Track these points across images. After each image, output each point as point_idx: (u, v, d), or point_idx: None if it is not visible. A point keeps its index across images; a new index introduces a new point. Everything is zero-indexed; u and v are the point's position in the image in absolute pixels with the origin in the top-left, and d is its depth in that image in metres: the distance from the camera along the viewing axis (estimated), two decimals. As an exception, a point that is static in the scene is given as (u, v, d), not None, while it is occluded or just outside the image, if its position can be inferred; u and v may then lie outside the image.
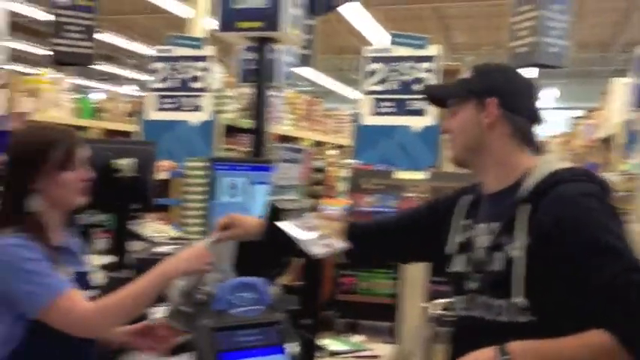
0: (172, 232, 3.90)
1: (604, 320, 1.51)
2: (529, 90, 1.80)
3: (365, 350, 2.51)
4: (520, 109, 1.76)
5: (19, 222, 1.83)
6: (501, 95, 1.74)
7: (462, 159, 1.82)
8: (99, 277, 1.99)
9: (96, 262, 3.73)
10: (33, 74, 8.68)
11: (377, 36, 13.47)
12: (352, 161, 6.97)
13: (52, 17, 8.22)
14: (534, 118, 1.79)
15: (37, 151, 1.87)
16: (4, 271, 1.75)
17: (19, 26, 16.97)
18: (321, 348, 2.25)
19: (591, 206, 1.59)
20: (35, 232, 1.83)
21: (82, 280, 1.90)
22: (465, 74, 1.82)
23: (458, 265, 1.81)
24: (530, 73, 8.58)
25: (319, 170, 6.52)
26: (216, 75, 8.03)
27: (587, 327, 1.53)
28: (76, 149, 1.91)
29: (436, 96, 1.94)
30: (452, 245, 1.85)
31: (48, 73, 8.18)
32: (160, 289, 1.80)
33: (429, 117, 6.65)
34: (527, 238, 1.61)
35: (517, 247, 1.61)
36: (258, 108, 4.23)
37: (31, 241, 1.80)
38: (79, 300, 1.76)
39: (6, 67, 7.83)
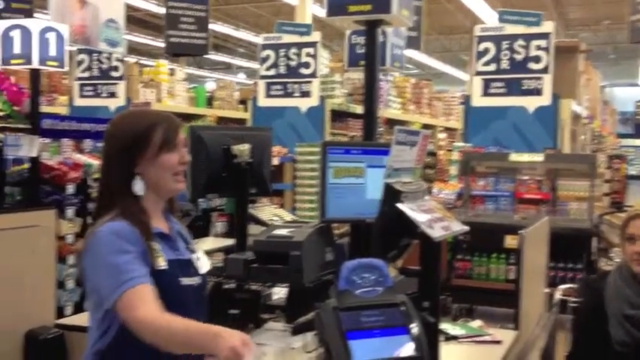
0: (287, 216, 3.99)
1: None
2: None
3: (485, 335, 2.45)
4: None
5: (121, 206, 1.80)
6: None
7: None
8: (205, 264, 1.94)
9: (214, 244, 3.91)
10: (151, 66, 9.06)
11: (489, 14, 13.02)
12: (463, 144, 6.83)
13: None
14: None
15: (138, 134, 1.82)
16: (92, 261, 1.74)
17: (141, 20, 17.77)
18: (441, 332, 2.23)
19: None
20: (136, 217, 1.79)
21: (182, 267, 1.85)
22: None
23: None
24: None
25: (431, 154, 6.44)
26: (324, 60, 8.08)
27: None
28: (176, 132, 1.86)
29: None
30: None
31: (165, 65, 8.52)
32: (202, 347, 1.60)
33: (545, 96, 6.40)
34: None
35: None
36: (369, 92, 4.18)
37: (131, 226, 1.76)
38: (145, 300, 1.67)
39: (126, 59, 8.24)
